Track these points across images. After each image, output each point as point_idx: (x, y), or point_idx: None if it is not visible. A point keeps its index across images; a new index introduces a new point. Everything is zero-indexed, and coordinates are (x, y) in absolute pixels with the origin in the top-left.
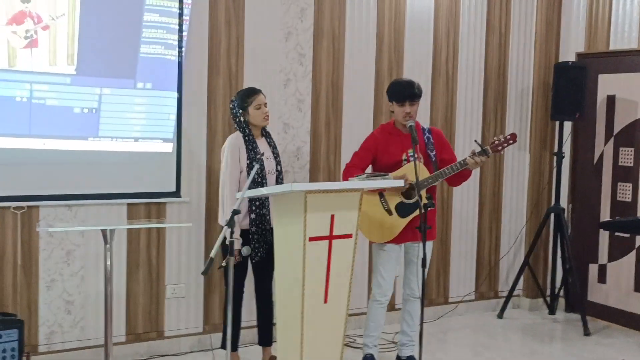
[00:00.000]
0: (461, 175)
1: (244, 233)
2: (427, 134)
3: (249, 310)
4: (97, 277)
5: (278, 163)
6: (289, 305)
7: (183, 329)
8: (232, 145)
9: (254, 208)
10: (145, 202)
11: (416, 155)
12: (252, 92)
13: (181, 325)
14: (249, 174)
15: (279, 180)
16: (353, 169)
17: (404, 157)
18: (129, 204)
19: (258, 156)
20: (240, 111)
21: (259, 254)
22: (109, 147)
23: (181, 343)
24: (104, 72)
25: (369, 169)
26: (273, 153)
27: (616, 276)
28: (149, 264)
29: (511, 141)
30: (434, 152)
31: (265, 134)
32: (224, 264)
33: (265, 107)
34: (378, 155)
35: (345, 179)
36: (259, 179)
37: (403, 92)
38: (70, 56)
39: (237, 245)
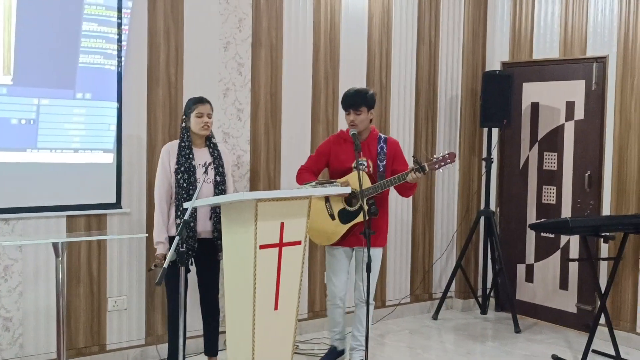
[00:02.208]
0: (408, 187)
1: (171, 239)
2: (381, 144)
3: (193, 319)
4: (37, 292)
5: (218, 173)
6: (239, 313)
7: (125, 342)
8: (163, 150)
9: (179, 214)
10: (86, 213)
11: (366, 164)
12: (198, 101)
13: (123, 338)
14: (176, 180)
15: (217, 191)
16: (305, 173)
17: (354, 164)
18: (68, 216)
19: (187, 164)
20: (184, 117)
21: (186, 261)
22: (48, 159)
23: (124, 356)
24: (42, 82)
25: (322, 175)
26: (213, 162)
27: (543, 275)
28: (89, 277)
29: (449, 161)
30: (384, 163)
31: (211, 145)
32: (152, 267)
33: (209, 117)
34: (331, 160)
35: (299, 181)
36: (188, 188)
37: (346, 100)
38: (6, 66)
39: (163, 250)
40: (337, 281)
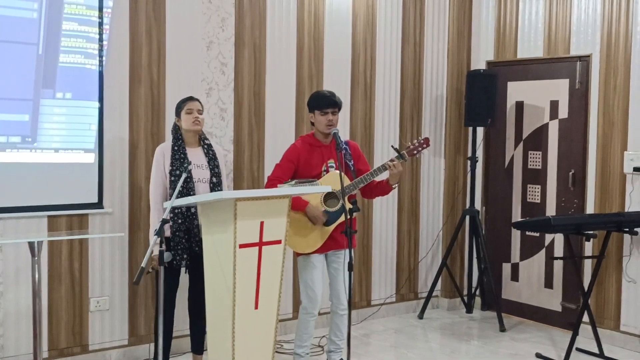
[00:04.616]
0: (379, 189)
1: (166, 240)
2: (344, 146)
3: (180, 319)
4: (17, 293)
5: (214, 174)
6: (220, 312)
7: (108, 342)
8: (157, 151)
9: (171, 215)
10: (67, 213)
11: (343, 163)
12: (187, 99)
13: (106, 338)
14: (171, 180)
15: (214, 191)
16: (277, 182)
17: (324, 167)
18: (49, 216)
19: (185, 165)
20: (176, 118)
21: (183, 261)
22: (28, 159)
23: (106, 356)
24: None
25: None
26: (209, 163)
27: (528, 274)
28: (71, 277)
29: (425, 145)
30: (352, 162)
31: (205, 145)
32: (150, 270)
33: (199, 113)
34: (300, 166)
35: None
36: (184, 188)
37: (325, 100)
38: None
39: (157, 251)
40: (317, 289)
